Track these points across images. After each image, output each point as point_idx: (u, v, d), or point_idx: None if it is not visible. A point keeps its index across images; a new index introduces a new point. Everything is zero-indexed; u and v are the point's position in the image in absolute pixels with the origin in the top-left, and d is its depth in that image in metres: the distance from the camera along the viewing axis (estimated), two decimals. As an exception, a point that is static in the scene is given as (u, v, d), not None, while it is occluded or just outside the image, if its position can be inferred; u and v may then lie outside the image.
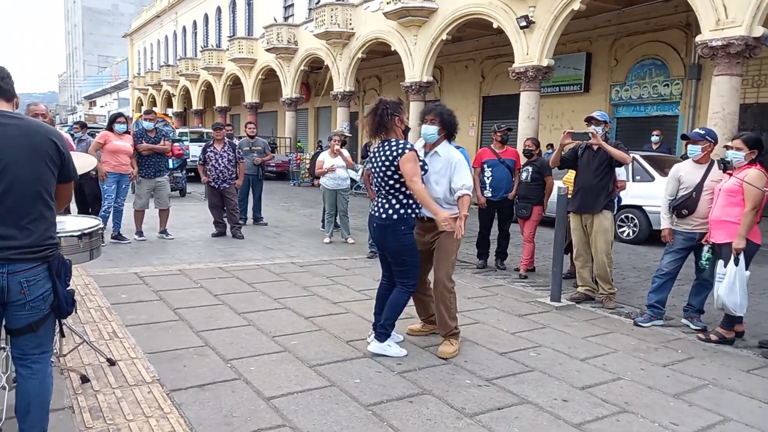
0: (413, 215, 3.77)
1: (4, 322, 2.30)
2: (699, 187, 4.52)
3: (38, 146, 2.22)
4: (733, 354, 4.16)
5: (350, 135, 19.48)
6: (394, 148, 3.63)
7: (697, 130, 4.76)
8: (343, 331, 4.27)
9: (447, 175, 3.87)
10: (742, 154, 4.22)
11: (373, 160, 3.76)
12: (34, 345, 2.31)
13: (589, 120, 5.25)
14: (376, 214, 3.76)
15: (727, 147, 4.41)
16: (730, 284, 4.13)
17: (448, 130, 3.97)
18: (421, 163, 3.75)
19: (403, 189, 3.66)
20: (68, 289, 2.39)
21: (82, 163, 3.66)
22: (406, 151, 3.59)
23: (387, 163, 3.63)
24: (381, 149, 3.71)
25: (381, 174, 3.68)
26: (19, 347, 2.31)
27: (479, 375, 3.57)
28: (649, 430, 2.95)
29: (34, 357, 2.32)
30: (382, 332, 3.81)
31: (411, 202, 3.72)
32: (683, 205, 4.56)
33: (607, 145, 5.08)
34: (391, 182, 3.66)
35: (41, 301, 2.26)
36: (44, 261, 2.25)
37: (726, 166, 4.24)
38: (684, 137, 4.72)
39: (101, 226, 3.32)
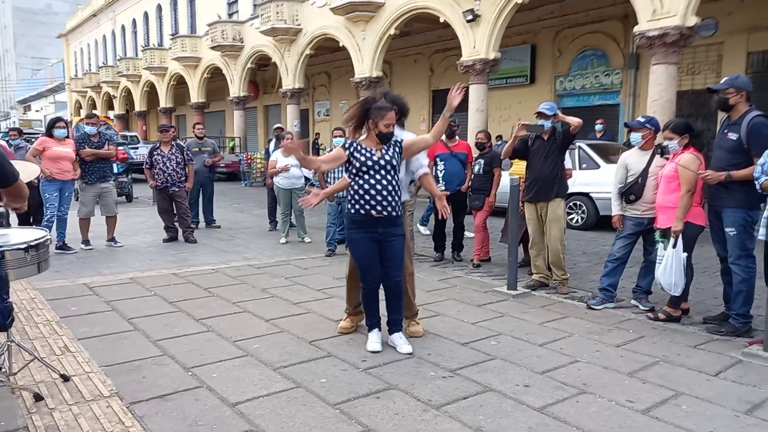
0: (352, 210, 3.82)
1: None
2: (644, 173, 4.71)
3: None
4: (680, 331, 4.37)
5: (299, 130, 19.35)
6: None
7: (638, 118, 4.97)
8: (306, 332, 4.24)
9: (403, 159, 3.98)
10: (675, 141, 4.43)
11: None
12: None
13: (538, 115, 5.36)
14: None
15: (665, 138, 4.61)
16: (665, 266, 4.36)
17: (401, 114, 4.06)
18: (356, 157, 3.80)
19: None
20: (6, 302, 2.32)
21: (25, 172, 3.50)
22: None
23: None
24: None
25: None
26: None
27: (443, 366, 3.62)
28: (606, 408, 3.07)
29: None
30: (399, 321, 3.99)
31: (352, 195, 3.81)
32: (630, 191, 4.75)
33: (564, 116, 5.22)
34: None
35: None
36: None
37: (663, 151, 4.44)
38: (626, 125, 4.92)
39: (48, 237, 3.18)
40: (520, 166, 6.68)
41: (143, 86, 31.18)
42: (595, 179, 9.22)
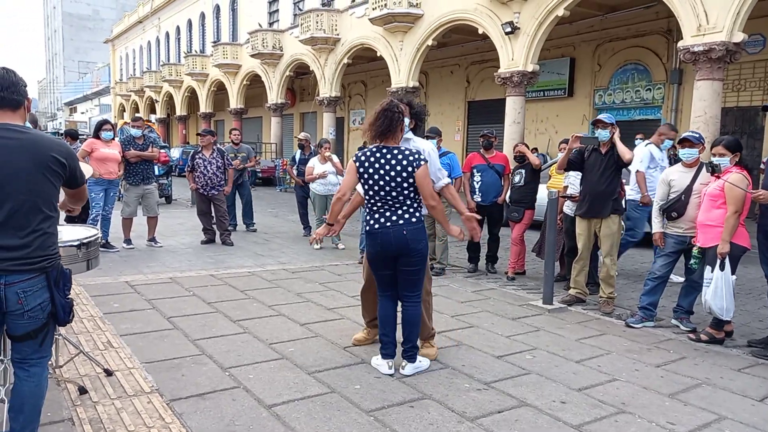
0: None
1: (5, 329, 2.35)
2: (688, 191, 4.60)
3: (39, 160, 2.25)
4: (723, 353, 4.24)
5: (334, 138, 19.53)
6: (409, 158, 3.45)
7: (690, 133, 4.83)
8: (340, 337, 4.27)
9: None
10: (727, 159, 4.31)
11: (376, 166, 3.49)
12: (33, 350, 2.39)
13: (596, 123, 5.26)
14: (400, 221, 3.51)
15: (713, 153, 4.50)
16: (715, 289, 4.21)
17: (418, 121, 3.86)
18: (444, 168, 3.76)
19: (417, 197, 3.55)
20: (67, 298, 2.42)
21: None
22: (422, 163, 3.45)
23: (404, 174, 3.43)
24: (388, 156, 3.47)
25: (394, 183, 3.45)
26: (19, 351, 2.38)
27: (478, 378, 3.59)
28: (646, 429, 3.00)
29: (32, 361, 2.40)
30: (413, 353, 3.65)
31: (421, 206, 3.63)
32: (672, 208, 4.65)
33: (618, 141, 5.10)
34: (407, 192, 3.49)
35: (39, 310, 2.31)
36: (42, 272, 2.29)
37: (714, 169, 4.31)
38: (682, 140, 4.74)
39: (99, 235, 3.30)
40: (558, 180, 6.63)
41: (184, 91, 31.98)
42: (634, 195, 9.03)
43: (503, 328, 4.67)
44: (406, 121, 3.70)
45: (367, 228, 3.60)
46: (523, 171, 6.70)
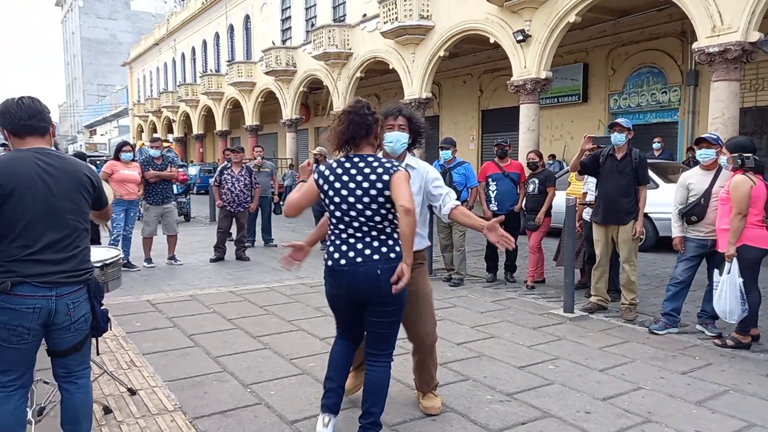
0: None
1: (45, 346, 2.48)
2: (707, 194, 4.54)
3: (78, 182, 2.47)
4: (750, 359, 4.16)
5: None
6: (378, 166, 2.69)
7: (708, 134, 4.78)
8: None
9: (422, 194, 3.11)
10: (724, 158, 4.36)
11: (344, 179, 2.71)
12: (78, 362, 2.54)
13: (613, 126, 5.22)
14: (375, 255, 2.66)
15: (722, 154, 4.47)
16: (720, 292, 4.21)
17: (417, 137, 3.17)
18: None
19: (394, 219, 2.71)
20: (102, 308, 2.59)
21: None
22: (398, 168, 2.70)
23: (378, 184, 2.65)
24: (360, 165, 2.71)
25: (368, 198, 2.66)
26: (64, 366, 2.51)
27: (500, 390, 3.56)
28: (674, 439, 2.94)
29: (78, 373, 2.54)
30: (373, 429, 2.81)
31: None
32: (692, 212, 4.58)
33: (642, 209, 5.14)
34: (383, 212, 2.68)
35: (83, 321, 2.47)
36: (85, 284, 2.47)
37: (743, 162, 4.23)
38: (699, 141, 4.70)
39: (120, 255, 3.35)
40: (577, 186, 6.58)
41: (201, 110, 32.45)
42: (654, 199, 8.87)
43: (524, 338, 4.63)
44: (403, 136, 3.07)
45: (330, 263, 2.74)
46: (537, 180, 6.67)
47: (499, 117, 18.62)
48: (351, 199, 2.67)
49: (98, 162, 14.52)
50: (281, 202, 12.45)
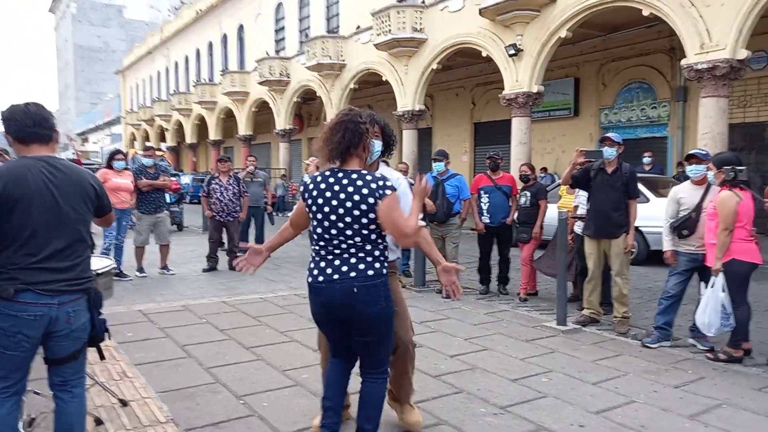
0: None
1: (42, 355, 2.47)
2: (698, 208, 4.60)
3: (83, 191, 2.49)
4: (743, 372, 4.18)
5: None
6: (371, 185, 2.60)
7: (698, 149, 4.85)
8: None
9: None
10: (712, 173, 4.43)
11: (327, 195, 2.64)
12: (75, 371, 2.52)
13: (604, 140, 5.28)
14: (351, 272, 2.61)
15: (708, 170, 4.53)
16: (703, 305, 4.28)
17: (388, 146, 3.04)
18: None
19: (380, 240, 2.70)
20: (101, 317, 2.59)
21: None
22: (388, 192, 2.61)
23: (363, 206, 2.59)
24: (344, 182, 2.63)
25: (350, 218, 2.60)
26: (60, 375, 2.49)
27: (493, 403, 3.56)
28: (667, 453, 2.95)
29: (74, 382, 2.53)
30: None
31: (385, 251, 2.75)
32: (683, 226, 4.63)
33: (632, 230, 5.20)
34: (366, 232, 2.63)
35: (82, 330, 2.48)
36: (85, 292, 2.47)
37: (736, 175, 4.28)
38: (689, 157, 4.77)
39: (113, 265, 3.33)
40: (568, 199, 6.63)
41: (194, 119, 32.42)
42: (645, 213, 8.94)
43: (517, 351, 4.64)
44: (377, 144, 2.91)
45: (309, 279, 2.73)
46: (528, 192, 6.72)
47: (492, 130, 18.75)
48: (332, 217, 2.62)
49: (92, 170, 14.47)
50: (274, 212, 12.39)
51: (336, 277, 2.62)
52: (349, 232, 2.61)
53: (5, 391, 2.35)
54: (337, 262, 2.64)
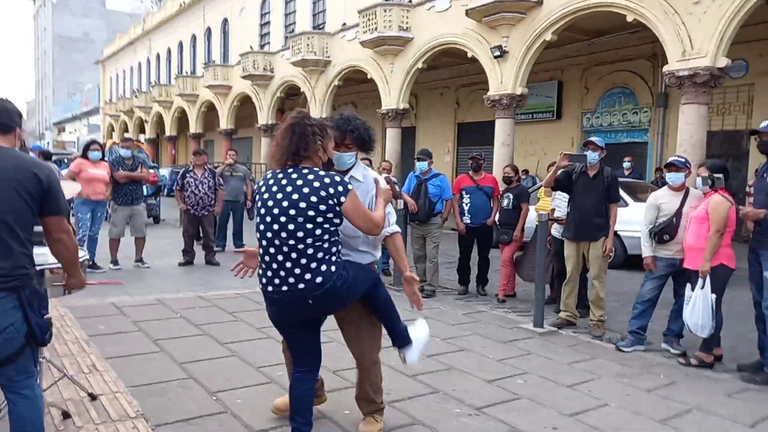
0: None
1: None
2: (678, 213, 4.65)
3: (16, 180, 2.27)
4: (713, 378, 4.24)
5: None
6: (325, 182, 2.55)
7: (676, 157, 4.91)
8: (330, 361, 4.18)
9: (366, 204, 2.84)
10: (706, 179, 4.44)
11: (276, 195, 2.58)
12: (17, 372, 2.36)
13: (587, 144, 5.31)
14: (299, 284, 2.55)
15: (699, 174, 4.57)
16: (693, 306, 4.31)
17: (363, 148, 2.96)
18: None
19: (332, 242, 2.61)
20: (45, 317, 2.40)
21: (66, 190, 3.60)
22: (349, 188, 2.60)
23: (320, 206, 2.52)
24: (294, 177, 2.57)
25: (302, 218, 2.52)
26: (4, 375, 2.35)
27: (468, 404, 3.56)
28: (639, 456, 2.97)
29: (20, 383, 2.38)
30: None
31: (337, 250, 2.66)
32: (664, 231, 4.67)
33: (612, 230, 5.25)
34: (317, 234, 2.54)
35: (13, 331, 2.27)
36: (13, 291, 2.26)
37: (713, 182, 4.37)
38: (668, 165, 4.83)
39: (86, 257, 3.25)
40: (546, 202, 6.66)
41: (174, 112, 31.97)
42: (624, 217, 9.05)
43: (494, 352, 4.64)
44: (347, 156, 2.87)
45: (260, 286, 2.69)
46: (511, 194, 6.74)
47: (475, 130, 18.81)
48: (282, 219, 2.53)
49: (65, 160, 14.19)
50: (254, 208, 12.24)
51: (285, 289, 2.57)
52: (300, 234, 2.52)
53: None
54: (283, 272, 2.55)
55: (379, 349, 3.08)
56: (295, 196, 2.53)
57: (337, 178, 2.60)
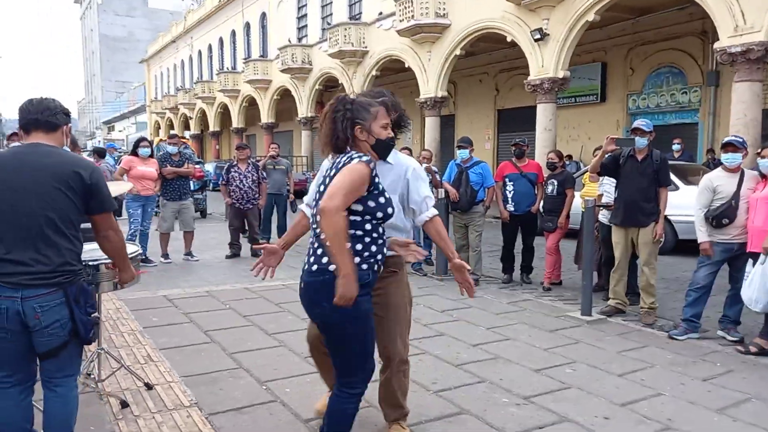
0: (371, 269, 2.40)
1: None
2: (737, 196, 4.44)
3: (60, 178, 2.30)
4: (774, 366, 4.07)
5: None
6: (344, 162, 2.38)
7: (733, 137, 4.70)
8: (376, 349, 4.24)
9: (398, 191, 2.70)
10: None
11: (322, 184, 2.54)
12: (57, 368, 2.40)
13: (635, 131, 5.13)
14: (306, 266, 2.45)
15: (758, 155, 4.36)
16: (750, 280, 4.17)
17: (398, 126, 2.74)
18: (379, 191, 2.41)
19: (363, 224, 2.38)
20: (92, 315, 2.43)
21: (117, 188, 3.75)
22: (354, 160, 2.33)
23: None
24: (329, 169, 2.49)
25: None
26: (45, 370, 2.40)
27: (516, 393, 3.53)
28: (695, 447, 2.89)
29: (57, 380, 2.41)
30: None
31: (371, 244, 2.39)
32: (723, 215, 4.46)
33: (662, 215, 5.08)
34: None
35: (59, 327, 2.31)
36: (59, 287, 2.30)
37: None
38: (725, 145, 4.61)
39: (138, 251, 3.36)
40: (592, 188, 6.49)
41: (217, 107, 32.65)
42: (674, 201, 8.76)
43: (541, 341, 4.58)
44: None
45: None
46: (556, 181, 6.60)
47: (516, 116, 18.48)
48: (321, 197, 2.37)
49: (114, 157, 14.66)
50: (297, 200, 12.40)
51: (305, 266, 2.46)
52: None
53: (6, 380, 2.31)
54: (312, 248, 2.46)
55: (407, 345, 2.86)
56: (328, 180, 2.43)
57: (353, 156, 2.36)
